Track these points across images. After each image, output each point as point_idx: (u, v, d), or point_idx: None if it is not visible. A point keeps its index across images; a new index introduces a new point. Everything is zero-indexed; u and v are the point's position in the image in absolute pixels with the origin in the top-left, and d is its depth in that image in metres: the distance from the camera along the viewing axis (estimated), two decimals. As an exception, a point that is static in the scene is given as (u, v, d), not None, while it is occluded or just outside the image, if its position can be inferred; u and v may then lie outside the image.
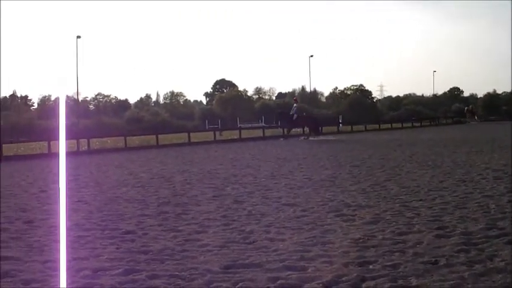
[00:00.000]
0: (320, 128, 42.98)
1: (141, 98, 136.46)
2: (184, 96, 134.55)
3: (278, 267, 5.95)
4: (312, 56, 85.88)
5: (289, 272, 5.76)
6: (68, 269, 6.00)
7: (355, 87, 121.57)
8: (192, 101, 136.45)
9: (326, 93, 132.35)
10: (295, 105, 44.22)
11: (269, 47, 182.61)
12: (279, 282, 5.48)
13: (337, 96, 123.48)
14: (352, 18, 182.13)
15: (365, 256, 6.30)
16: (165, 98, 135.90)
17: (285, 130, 43.25)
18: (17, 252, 7.19)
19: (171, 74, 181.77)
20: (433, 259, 6.09)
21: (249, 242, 7.25)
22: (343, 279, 5.49)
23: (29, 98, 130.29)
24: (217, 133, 45.19)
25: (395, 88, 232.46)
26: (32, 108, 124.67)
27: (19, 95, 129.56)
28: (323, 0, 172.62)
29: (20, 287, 5.69)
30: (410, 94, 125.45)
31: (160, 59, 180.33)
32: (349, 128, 55.33)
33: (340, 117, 73.70)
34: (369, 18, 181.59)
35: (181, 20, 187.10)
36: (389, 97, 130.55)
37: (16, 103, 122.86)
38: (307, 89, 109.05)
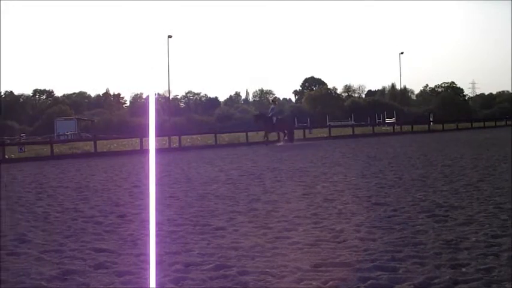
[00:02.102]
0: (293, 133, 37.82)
1: (230, 96, 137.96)
2: (273, 94, 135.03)
3: (369, 267, 5.91)
4: (402, 53, 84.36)
5: (379, 272, 5.71)
6: (160, 262, 6.19)
7: (446, 85, 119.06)
8: (281, 98, 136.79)
9: (416, 91, 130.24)
10: (272, 106, 39.25)
11: (359, 44, 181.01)
12: (369, 282, 5.44)
13: (427, 94, 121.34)
14: (443, 15, 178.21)
15: (458, 258, 6.17)
16: (254, 96, 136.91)
17: (265, 134, 36.64)
18: (111, 245, 7.44)
19: (261, 72, 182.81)
20: (530, 263, 5.90)
21: (339, 241, 7.24)
22: (435, 281, 5.40)
23: (121, 96, 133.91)
24: (307, 131, 45.12)
25: (488, 85, 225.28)
26: (124, 106, 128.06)
27: (112, 93, 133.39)
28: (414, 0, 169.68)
29: (114, 279, 5.86)
30: (503, 91, 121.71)
31: (249, 57, 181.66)
32: (440, 126, 54.24)
33: (431, 115, 72.25)
34: (460, 16, 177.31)
35: (269, 19, 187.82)
36: (482, 95, 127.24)
37: (109, 101, 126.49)
38: (397, 87, 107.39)
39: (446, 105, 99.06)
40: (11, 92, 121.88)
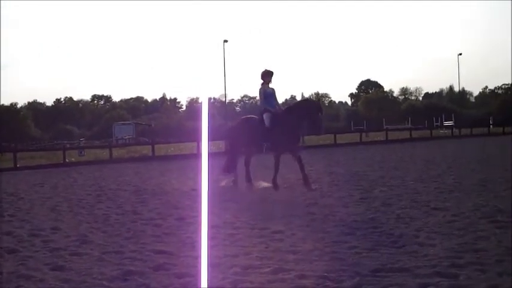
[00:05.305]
0: None
1: (286, 100, 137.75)
2: (329, 98, 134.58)
3: (428, 273, 5.83)
4: (460, 54, 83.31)
5: (439, 279, 5.62)
6: (219, 265, 6.24)
7: (506, 86, 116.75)
8: (337, 102, 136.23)
9: (475, 93, 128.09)
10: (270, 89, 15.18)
11: (416, 45, 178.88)
12: (429, 288, 5.39)
13: (487, 96, 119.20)
14: (501, 14, 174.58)
15: (521, 266, 6.03)
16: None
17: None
18: (171, 247, 7.53)
19: (316, 75, 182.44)
20: None
21: (398, 246, 7.16)
22: (497, 288, 5.31)
23: (177, 101, 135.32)
24: (363, 134, 44.78)
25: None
26: (180, 110, 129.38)
27: (168, 98, 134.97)
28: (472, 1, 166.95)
29: (173, 280, 5.94)
30: None
31: (304, 61, 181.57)
32: (500, 129, 53.21)
33: (491, 118, 70.84)
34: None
35: (323, 21, 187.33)
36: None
37: (166, 105, 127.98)
38: (456, 89, 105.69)
39: (506, 107, 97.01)
40: (71, 98, 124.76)
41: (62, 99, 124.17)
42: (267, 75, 14.53)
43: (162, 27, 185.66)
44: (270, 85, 14.63)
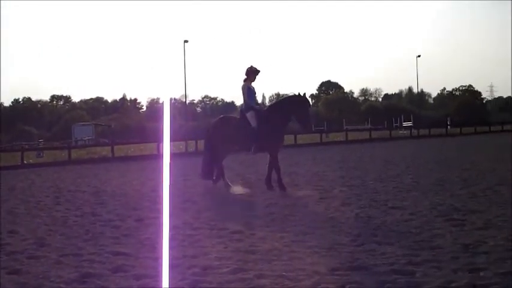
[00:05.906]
0: None
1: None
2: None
3: (386, 271, 5.90)
4: (419, 56, 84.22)
5: (397, 276, 5.70)
6: (178, 266, 6.22)
7: (463, 88, 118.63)
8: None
9: (434, 94, 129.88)
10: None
11: (375, 47, 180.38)
12: (386, 286, 5.44)
13: (445, 97, 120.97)
14: (461, 16, 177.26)
15: (475, 262, 6.13)
16: (270, 100, 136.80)
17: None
18: (129, 249, 7.46)
19: (277, 75, 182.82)
20: (549, 268, 5.85)
21: (356, 245, 7.23)
22: (453, 285, 5.38)
23: (138, 101, 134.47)
24: (324, 135, 45.01)
25: (507, 88, 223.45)
26: (140, 110, 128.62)
27: (128, 98, 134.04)
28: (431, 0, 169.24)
29: (132, 282, 5.90)
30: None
31: (265, 61, 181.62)
32: (457, 130, 54.07)
33: (449, 119, 71.91)
34: (479, 17, 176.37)
35: (284, 22, 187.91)
36: (501, 98, 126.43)
37: (126, 106, 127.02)
38: (414, 90, 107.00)
39: (464, 108, 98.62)
40: (29, 98, 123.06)
41: (20, 100, 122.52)
42: (252, 73, 14.19)
43: (123, 28, 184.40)
44: (253, 84, 14.30)
